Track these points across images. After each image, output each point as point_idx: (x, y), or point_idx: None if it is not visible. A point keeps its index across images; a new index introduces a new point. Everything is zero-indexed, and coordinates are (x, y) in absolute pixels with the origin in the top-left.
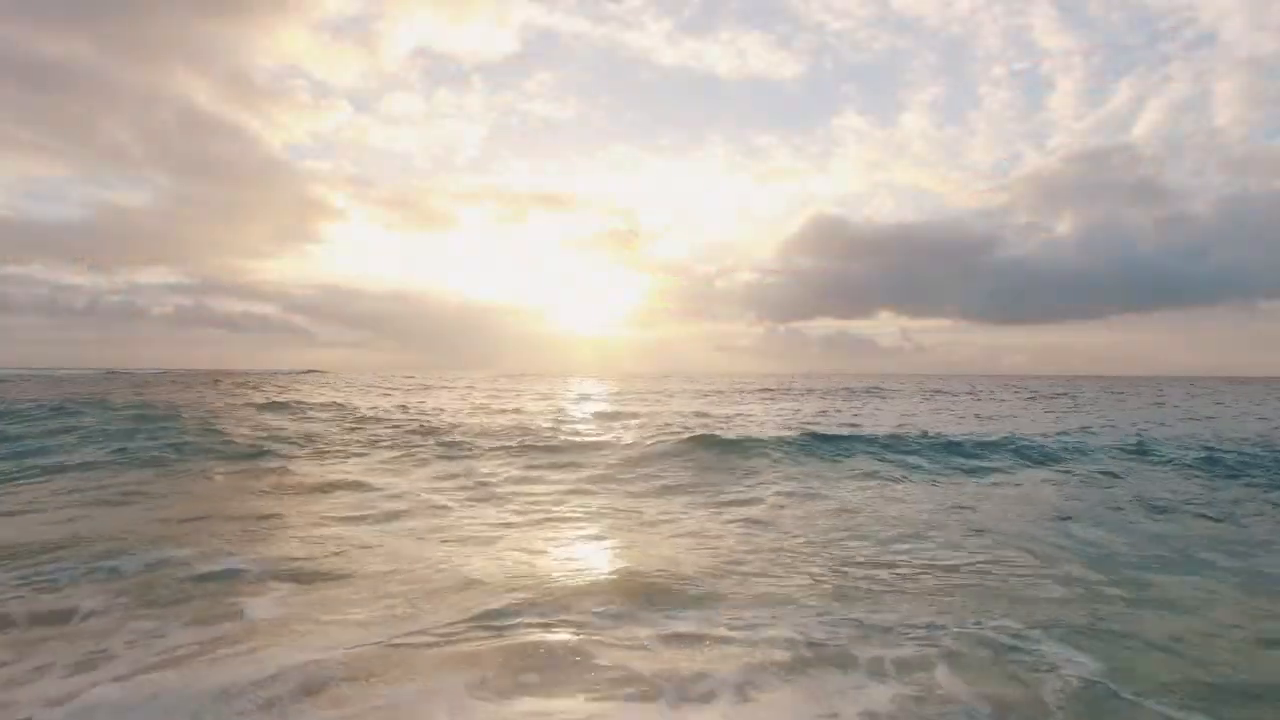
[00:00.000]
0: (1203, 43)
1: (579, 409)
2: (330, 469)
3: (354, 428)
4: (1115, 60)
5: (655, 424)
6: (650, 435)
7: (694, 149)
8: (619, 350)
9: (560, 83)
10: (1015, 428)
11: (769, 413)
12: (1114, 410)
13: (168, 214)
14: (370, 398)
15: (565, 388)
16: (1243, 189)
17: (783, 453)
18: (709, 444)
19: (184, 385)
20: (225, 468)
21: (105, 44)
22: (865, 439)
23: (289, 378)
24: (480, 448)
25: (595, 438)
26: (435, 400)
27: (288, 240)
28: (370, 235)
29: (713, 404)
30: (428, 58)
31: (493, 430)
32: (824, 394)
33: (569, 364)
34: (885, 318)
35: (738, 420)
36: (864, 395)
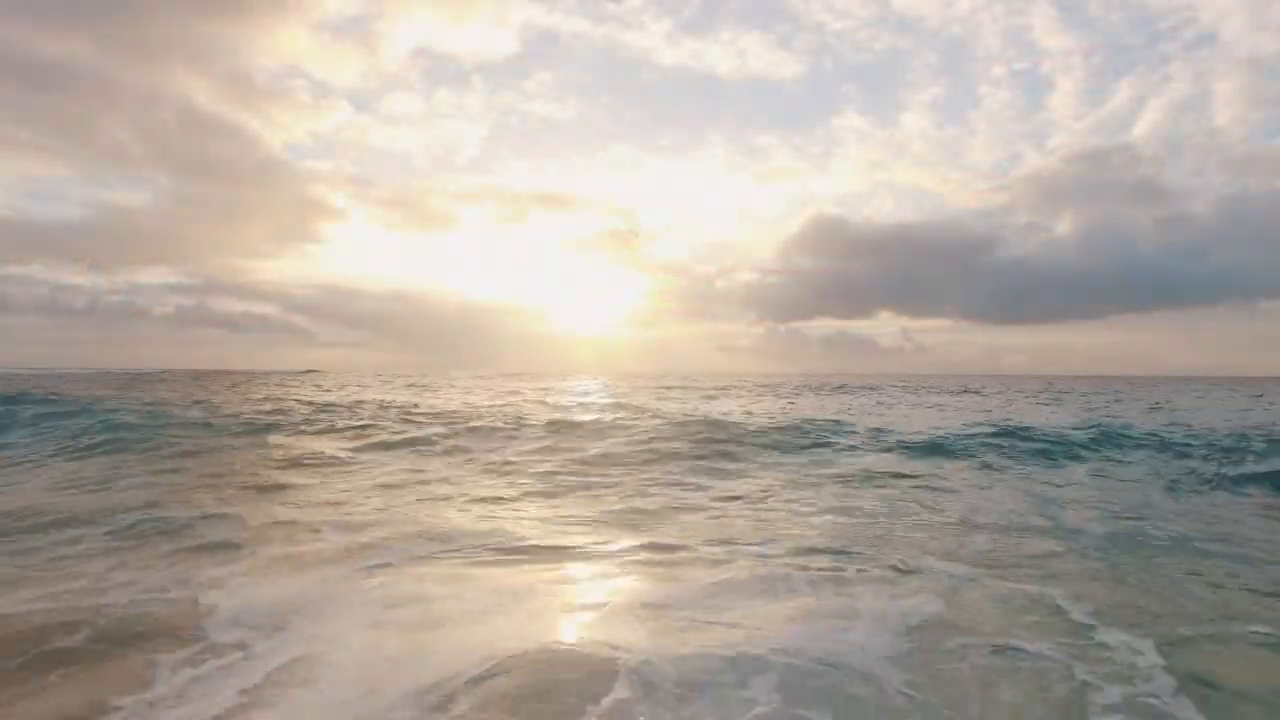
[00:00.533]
0: (1203, 43)
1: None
2: None
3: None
4: (1115, 60)
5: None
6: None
7: (694, 149)
8: (619, 350)
9: (560, 83)
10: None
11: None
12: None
13: (168, 214)
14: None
15: (612, 386)
16: (1243, 189)
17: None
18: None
19: (232, 384)
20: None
21: (105, 44)
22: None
23: (289, 377)
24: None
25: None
26: (512, 395)
27: (288, 240)
28: (370, 235)
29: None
30: (428, 58)
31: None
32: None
33: (569, 364)
34: (885, 318)
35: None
36: (947, 394)
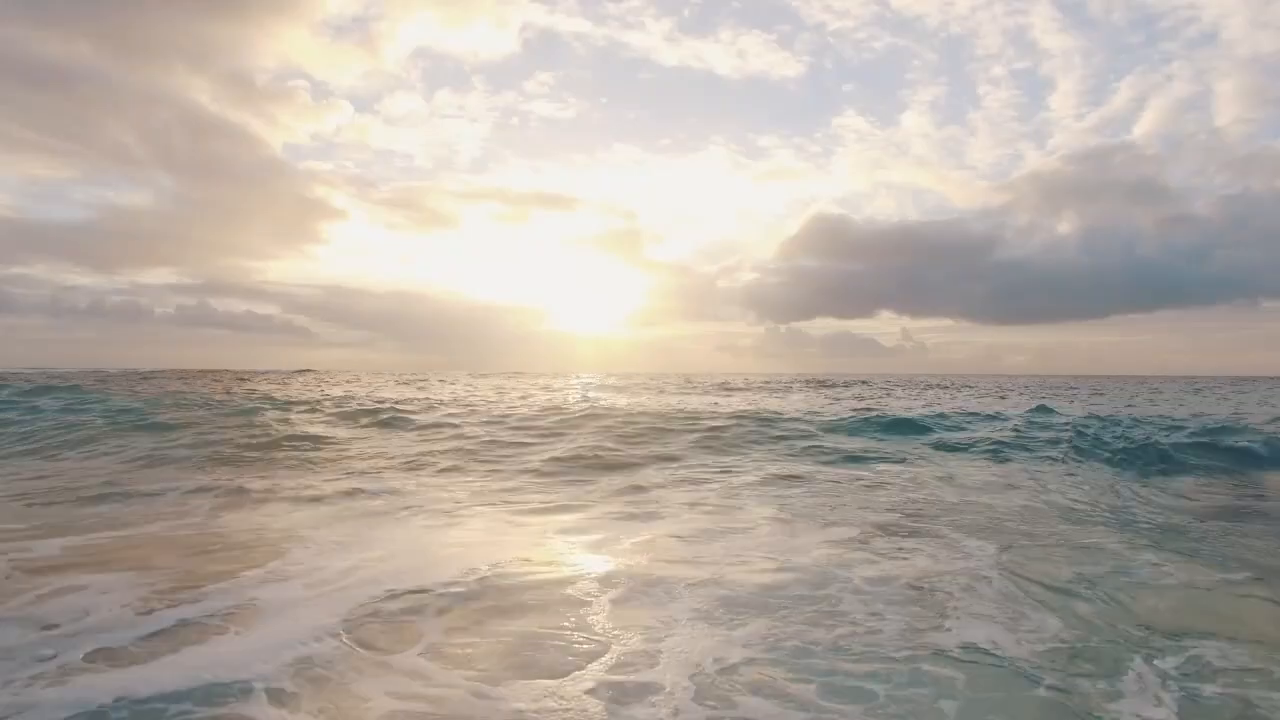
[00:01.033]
0: (1204, 42)
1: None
2: None
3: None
4: (1116, 60)
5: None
6: None
7: (694, 149)
8: (620, 350)
9: (560, 83)
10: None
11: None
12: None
13: (170, 215)
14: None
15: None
16: (1245, 189)
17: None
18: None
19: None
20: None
21: (106, 45)
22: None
23: (289, 378)
24: None
25: None
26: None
27: (290, 241)
28: (372, 235)
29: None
30: (428, 58)
31: None
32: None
33: (570, 364)
34: (886, 317)
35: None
36: (985, 397)
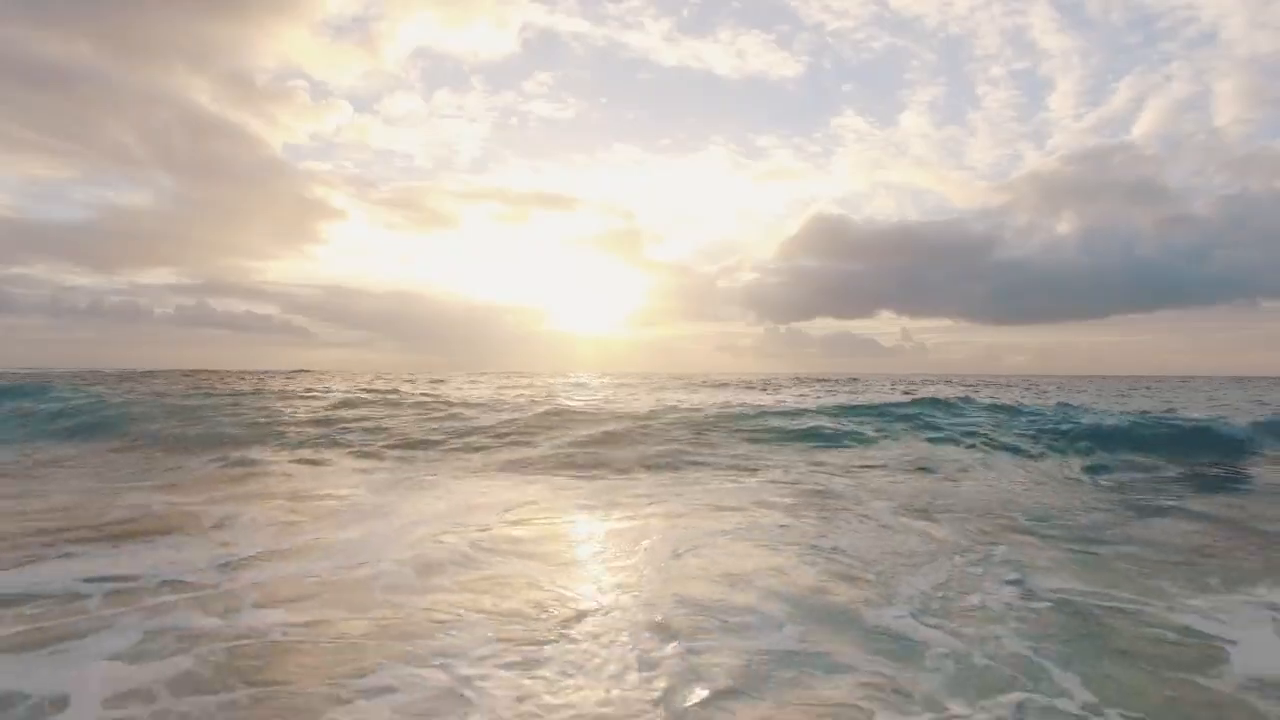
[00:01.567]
0: (1203, 42)
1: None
2: None
3: None
4: (1114, 60)
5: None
6: None
7: (694, 149)
8: (620, 350)
9: (560, 83)
10: None
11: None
12: None
13: (170, 215)
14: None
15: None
16: (1244, 189)
17: None
18: None
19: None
20: None
21: (106, 45)
22: None
23: (287, 377)
24: None
25: None
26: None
27: (289, 241)
28: (372, 235)
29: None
30: (428, 58)
31: None
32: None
33: (570, 364)
34: (886, 317)
35: None
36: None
